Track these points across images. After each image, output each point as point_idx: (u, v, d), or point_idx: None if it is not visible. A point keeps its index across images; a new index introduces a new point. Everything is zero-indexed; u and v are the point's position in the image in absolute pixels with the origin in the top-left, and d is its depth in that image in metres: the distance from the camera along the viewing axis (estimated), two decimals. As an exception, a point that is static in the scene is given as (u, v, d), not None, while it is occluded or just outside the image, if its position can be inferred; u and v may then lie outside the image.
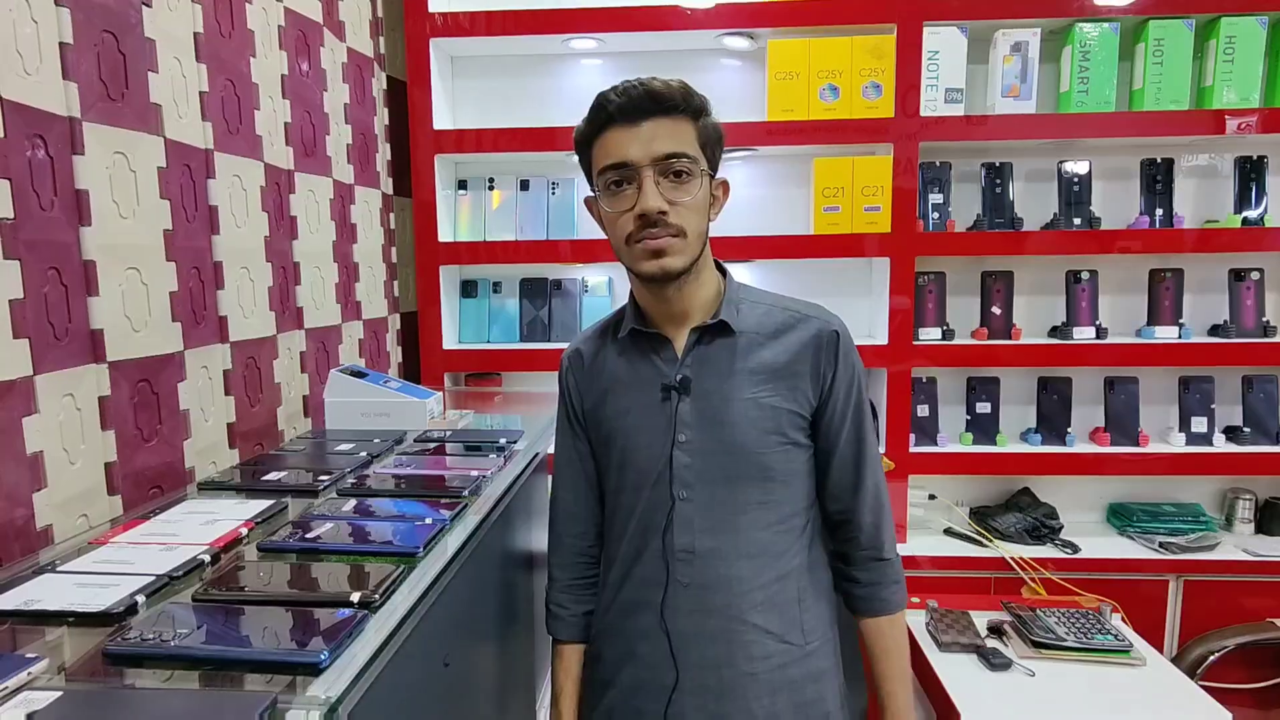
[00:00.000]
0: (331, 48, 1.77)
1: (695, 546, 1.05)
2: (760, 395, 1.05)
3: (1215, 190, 2.20)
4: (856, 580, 1.13)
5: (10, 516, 0.92)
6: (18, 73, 0.93)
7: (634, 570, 1.09)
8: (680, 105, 1.00)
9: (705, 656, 1.05)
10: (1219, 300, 2.18)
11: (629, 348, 1.11)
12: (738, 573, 1.05)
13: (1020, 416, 2.25)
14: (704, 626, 1.05)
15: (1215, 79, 2.02)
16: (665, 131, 0.99)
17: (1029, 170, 2.21)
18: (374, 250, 2.01)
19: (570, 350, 1.20)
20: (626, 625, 1.10)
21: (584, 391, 1.16)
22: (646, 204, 0.98)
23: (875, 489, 1.11)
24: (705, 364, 1.06)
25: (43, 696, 0.57)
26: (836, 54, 2.05)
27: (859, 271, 2.26)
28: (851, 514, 1.11)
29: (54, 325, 0.99)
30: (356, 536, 0.92)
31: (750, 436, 1.04)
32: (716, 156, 1.05)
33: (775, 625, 1.05)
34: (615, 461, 1.11)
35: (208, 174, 1.31)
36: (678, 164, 0.99)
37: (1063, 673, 1.60)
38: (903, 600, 1.13)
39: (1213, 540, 2.08)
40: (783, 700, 1.06)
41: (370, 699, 0.68)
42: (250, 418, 1.43)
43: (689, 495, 1.05)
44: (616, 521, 1.13)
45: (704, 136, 1.02)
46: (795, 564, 1.08)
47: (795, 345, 1.06)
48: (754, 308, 1.09)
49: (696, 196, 1.00)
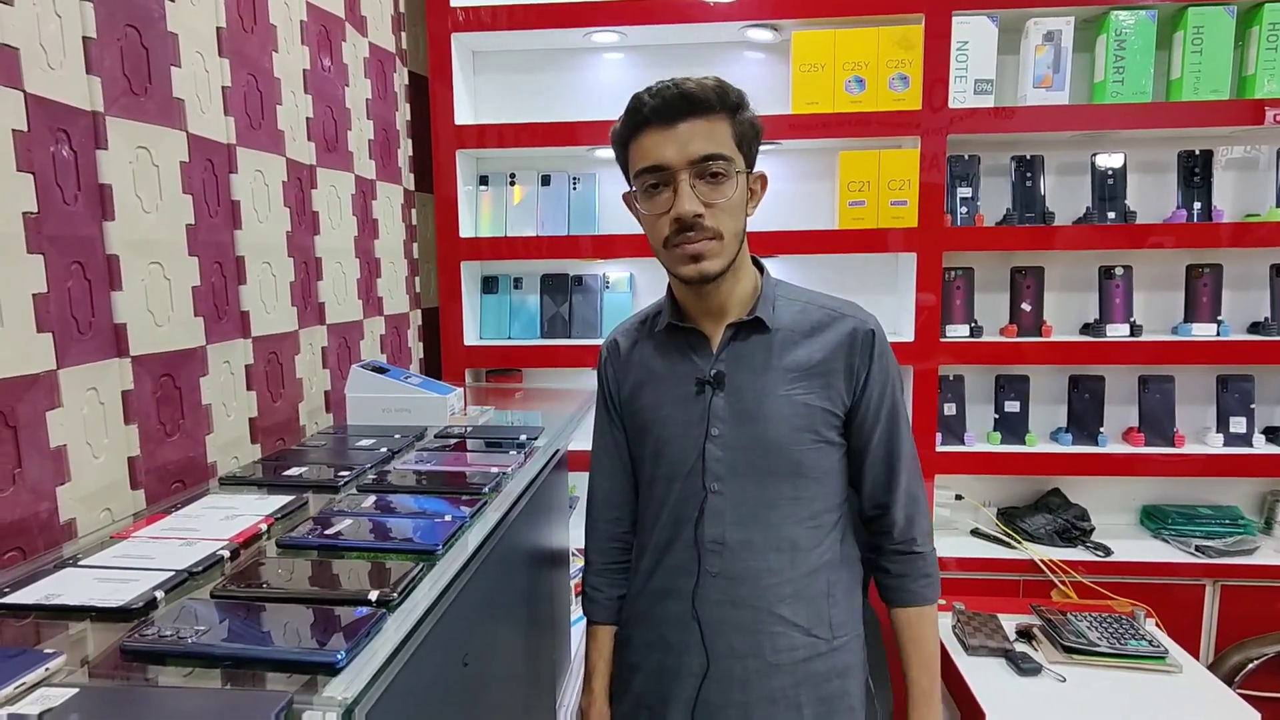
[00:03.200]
0: (354, 43, 1.77)
1: (725, 538, 1.06)
2: (794, 393, 1.05)
3: (1256, 183, 2.13)
4: (887, 571, 1.14)
5: (34, 510, 0.92)
6: (42, 67, 0.93)
7: (665, 559, 1.11)
8: (715, 105, 0.99)
9: (732, 646, 1.07)
10: (1259, 296, 2.11)
11: (665, 341, 1.13)
12: (767, 565, 1.06)
13: (1050, 415, 2.20)
14: (731, 617, 1.07)
15: (1257, 67, 1.95)
16: (701, 132, 0.98)
17: (1061, 163, 2.15)
18: (395, 246, 2.01)
19: (608, 340, 1.22)
20: (656, 612, 1.12)
21: (620, 381, 1.18)
22: (682, 208, 0.98)
23: (909, 486, 1.11)
24: (740, 360, 1.07)
25: (59, 694, 0.57)
26: (862, 45, 2.01)
27: (885, 267, 2.22)
28: (885, 511, 1.12)
29: (77, 319, 0.99)
30: (376, 533, 0.91)
31: (783, 433, 1.05)
32: (754, 151, 1.04)
33: (802, 619, 1.07)
34: (649, 452, 1.13)
35: (230, 169, 1.31)
36: (714, 166, 0.99)
37: (1095, 679, 1.56)
38: (934, 594, 1.13)
39: (1251, 544, 2.02)
40: (806, 692, 1.07)
41: (388, 699, 0.67)
42: (272, 413, 1.43)
43: (720, 488, 1.06)
44: (649, 511, 1.15)
45: (740, 133, 1.01)
46: (825, 560, 1.08)
47: (830, 343, 1.07)
48: (790, 305, 1.10)
49: (733, 197, 1.00)
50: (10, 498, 0.89)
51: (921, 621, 1.13)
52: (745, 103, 1.02)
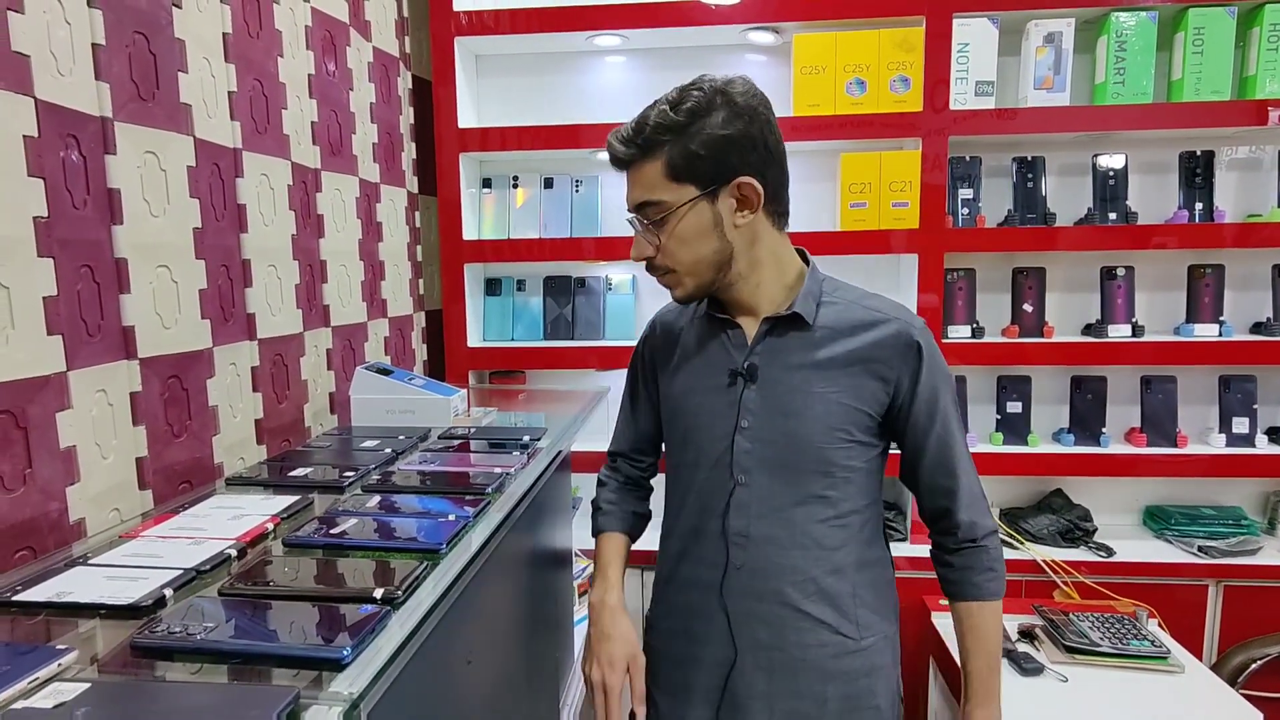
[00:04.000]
0: (358, 47, 1.78)
1: (750, 531, 1.07)
2: (828, 391, 1.05)
3: (1258, 183, 2.13)
4: (950, 565, 1.13)
5: (45, 510, 0.94)
6: (52, 74, 0.95)
7: (692, 549, 1.12)
8: (636, 154, 1.01)
9: (758, 637, 1.08)
10: (1262, 297, 2.11)
11: (704, 329, 1.13)
12: (790, 561, 1.06)
13: (1052, 416, 2.20)
14: (757, 609, 1.08)
15: (1259, 68, 1.96)
16: (635, 181, 1.03)
17: (1062, 164, 2.15)
18: (399, 248, 2.03)
19: (652, 320, 1.24)
20: (683, 601, 1.14)
21: (657, 362, 1.20)
22: (632, 254, 1.07)
23: (970, 487, 1.11)
24: (774, 354, 1.07)
25: (71, 688, 0.58)
26: (863, 47, 2.02)
27: (887, 269, 2.22)
28: (949, 513, 1.11)
29: (86, 322, 1.01)
30: (381, 533, 0.92)
31: (813, 430, 1.05)
32: (714, 169, 0.99)
33: (828, 616, 1.07)
34: (679, 438, 1.14)
35: (236, 173, 1.32)
36: (645, 214, 1.03)
37: (1097, 679, 1.57)
38: (997, 590, 1.12)
39: (1254, 545, 2.02)
40: (833, 688, 1.08)
41: (392, 696, 0.68)
42: (277, 414, 1.44)
43: (747, 480, 1.07)
44: (676, 495, 1.16)
45: (679, 165, 0.99)
46: (850, 560, 1.08)
47: (869, 345, 1.05)
48: (834, 303, 1.09)
49: (675, 234, 1.02)
50: (21, 497, 0.90)
51: (984, 613, 1.12)
52: (690, 122, 0.97)
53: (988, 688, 1.12)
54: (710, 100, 0.99)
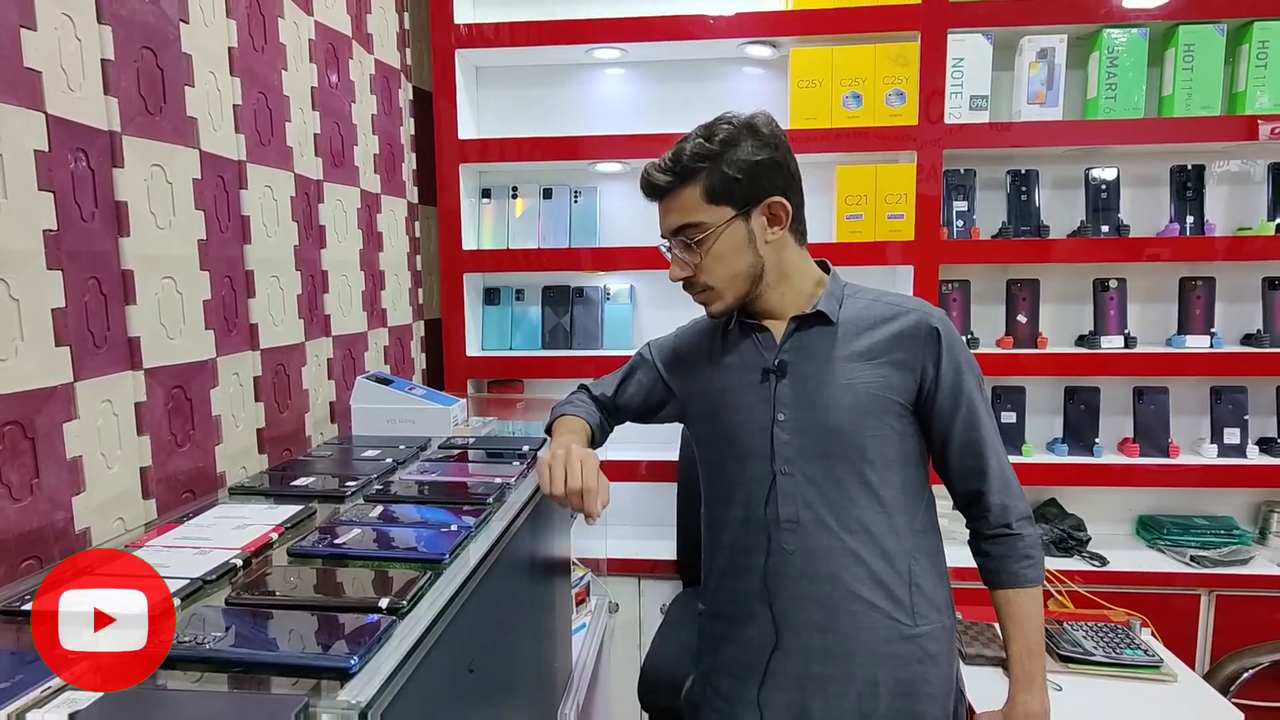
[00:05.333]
0: (360, 60, 1.80)
1: (800, 516, 1.11)
2: (856, 381, 1.10)
3: (1248, 197, 2.16)
4: (987, 554, 1.16)
5: (51, 519, 0.95)
6: (63, 89, 0.96)
7: (741, 538, 1.17)
8: (675, 182, 1.10)
9: (811, 620, 1.11)
10: (1252, 309, 2.14)
11: (736, 336, 1.19)
12: (843, 545, 1.10)
13: (1046, 426, 2.22)
14: (810, 592, 1.11)
15: (1248, 84, 1.99)
16: (672, 208, 1.12)
17: (1055, 177, 2.18)
18: (399, 258, 2.04)
19: (673, 344, 1.31)
20: (736, 587, 1.18)
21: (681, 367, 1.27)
22: (671, 276, 1.15)
23: (1000, 471, 1.14)
24: (802, 350, 1.13)
25: (84, 696, 0.59)
26: (860, 62, 2.04)
27: (882, 280, 2.24)
28: (980, 496, 1.15)
29: (93, 333, 1.02)
30: (384, 543, 0.94)
31: (846, 419, 1.10)
32: (748, 191, 1.10)
33: (882, 601, 1.10)
34: (716, 434, 1.20)
35: (240, 185, 1.34)
36: (684, 236, 1.11)
37: (1091, 688, 1.58)
38: (1036, 575, 1.14)
39: (1246, 554, 2.04)
40: (885, 672, 1.11)
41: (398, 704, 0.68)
42: (279, 424, 1.45)
43: (790, 470, 1.11)
44: (719, 488, 1.20)
45: (715, 189, 1.09)
46: (902, 547, 1.12)
47: (892, 335, 1.12)
48: (855, 301, 1.16)
49: (714, 252, 1.10)
50: (28, 507, 0.91)
51: (1021, 600, 1.14)
52: (724, 150, 1.08)
53: (1029, 673, 1.14)
54: (739, 131, 1.09)
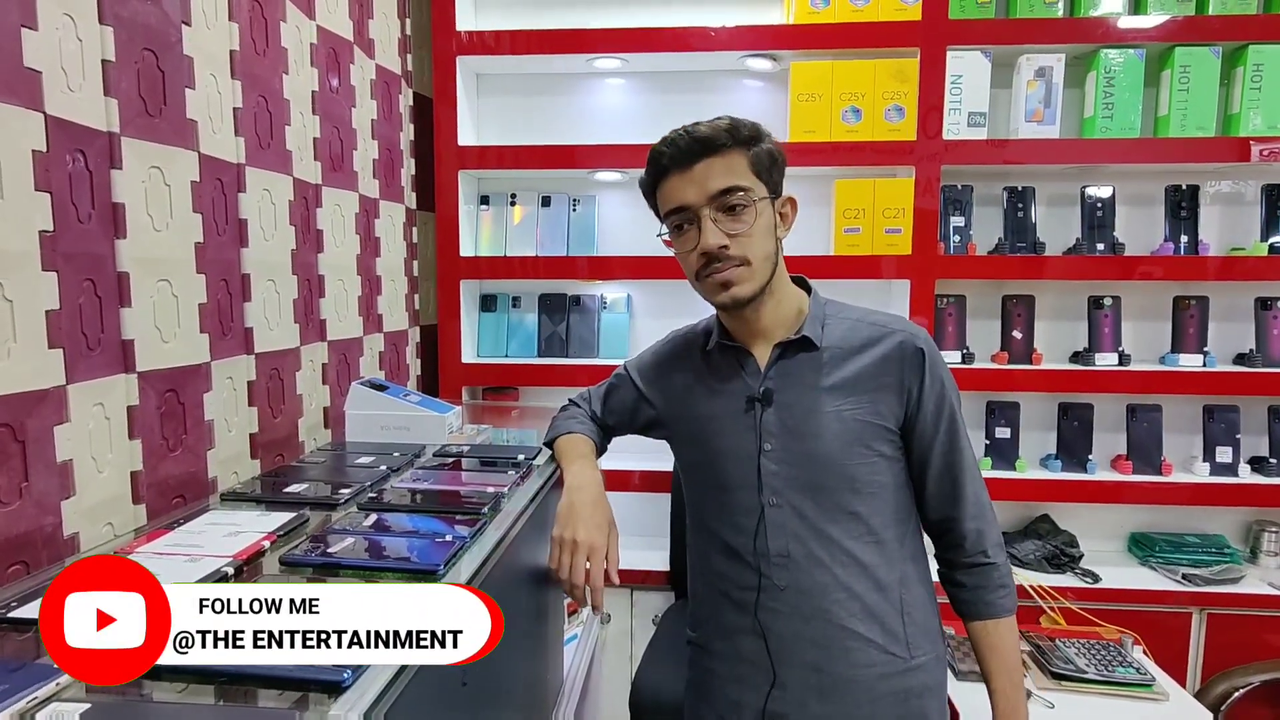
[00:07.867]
0: (361, 65, 1.80)
1: (790, 550, 1.08)
2: (843, 408, 1.08)
3: (1241, 217, 2.18)
4: (961, 584, 1.14)
5: (40, 524, 0.93)
6: (62, 89, 0.96)
7: (729, 570, 1.14)
8: (727, 142, 1.05)
9: (806, 658, 1.09)
10: (1245, 329, 2.15)
11: (718, 359, 1.16)
12: (835, 580, 1.07)
13: (1040, 442, 2.23)
14: (803, 630, 1.08)
15: (1242, 105, 2.01)
16: (718, 170, 1.05)
17: (1051, 194, 2.20)
18: (396, 264, 2.03)
19: (653, 362, 1.28)
20: (731, 621, 1.14)
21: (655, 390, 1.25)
22: (706, 242, 1.05)
23: (976, 497, 1.13)
24: (788, 377, 1.10)
25: (71, 709, 0.58)
26: (859, 76, 2.06)
27: (879, 294, 2.25)
28: (953, 523, 1.13)
29: (87, 336, 1.01)
30: (375, 553, 0.92)
31: (834, 448, 1.07)
32: (776, 178, 1.09)
33: (877, 635, 1.08)
34: (703, 461, 1.16)
35: (239, 188, 1.33)
36: (732, 198, 1.05)
37: (1083, 705, 1.58)
38: (1011, 605, 1.13)
39: (1237, 573, 2.04)
40: (884, 708, 1.08)
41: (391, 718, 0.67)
42: (272, 429, 1.44)
43: (779, 501, 1.08)
44: (706, 517, 1.17)
45: (758, 163, 1.07)
46: (893, 578, 1.09)
47: (878, 359, 1.09)
48: (839, 323, 1.13)
49: (756, 224, 1.06)
50: (16, 511, 0.90)
51: (1000, 630, 1.12)
52: (761, 135, 1.08)
53: (1014, 705, 1.13)
54: (758, 126, 1.08)
